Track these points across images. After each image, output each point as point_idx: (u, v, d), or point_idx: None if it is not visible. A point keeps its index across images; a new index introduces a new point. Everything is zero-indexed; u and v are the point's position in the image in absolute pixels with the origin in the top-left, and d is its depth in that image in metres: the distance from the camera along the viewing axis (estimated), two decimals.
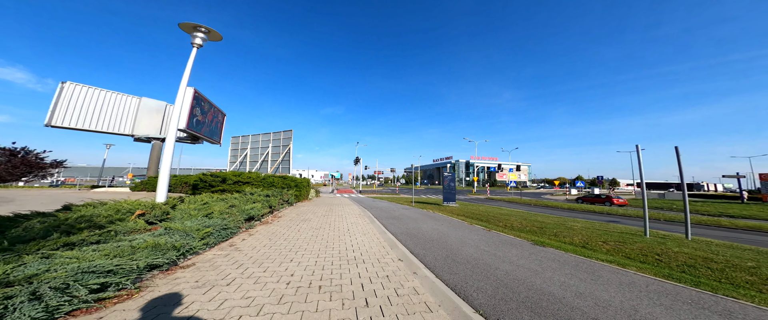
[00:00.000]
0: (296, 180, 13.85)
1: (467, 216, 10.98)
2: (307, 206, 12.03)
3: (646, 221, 7.22)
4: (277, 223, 7.07)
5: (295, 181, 13.60)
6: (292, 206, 11.28)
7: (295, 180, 13.70)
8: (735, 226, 11.62)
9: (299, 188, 13.30)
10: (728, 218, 14.99)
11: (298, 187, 13.29)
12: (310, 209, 10.80)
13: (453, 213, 12.06)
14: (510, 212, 13.31)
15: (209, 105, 18.15)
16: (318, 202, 14.49)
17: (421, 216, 9.92)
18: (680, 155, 7.44)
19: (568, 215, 15.08)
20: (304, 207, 11.28)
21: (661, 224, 12.04)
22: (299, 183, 13.66)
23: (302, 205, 12.28)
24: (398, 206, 13.81)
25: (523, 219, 10.50)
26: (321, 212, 10.00)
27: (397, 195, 28.78)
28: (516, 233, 7.18)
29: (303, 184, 14.10)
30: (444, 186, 16.43)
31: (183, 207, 5.41)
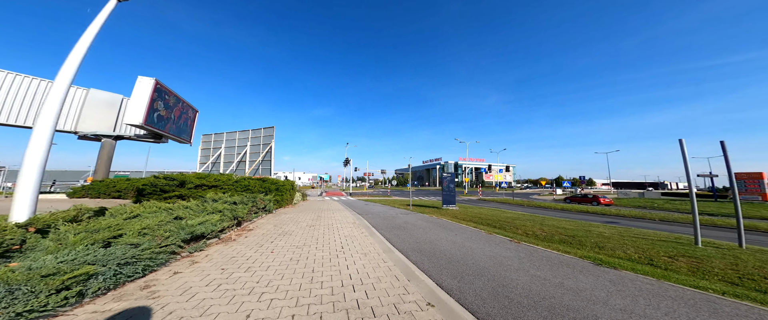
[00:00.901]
0: (278, 183, 11.90)
1: (477, 222, 9.60)
2: (290, 213, 10.14)
3: (697, 229, 6.13)
4: (243, 240, 5.23)
5: (276, 184, 11.64)
6: (271, 213, 9.35)
7: (276, 183, 11.74)
8: (731, 225, 11.07)
9: (281, 192, 11.35)
10: (711, 216, 14.85)
11: (280, 191, 11.35)
12: (293, 217, 8.96)
13: (458, 218, 10.66)
14: (517, 216, 12.15)
15: (176, 99, 15.70)
16: (304, 207, 12.60)
17: (426, 224, 8.40)
18: (727, 151, 6.50)
19: (572, 216, 14.20)
20: (286, 215, 9.40)
21: (663, 226, 11.31)
22: (281, 186, 11.71)
23: (285, 212, 10.37)
24: (396, 211, 12.24)
25: (540, 225, 9.28)
26: (307, 220, 8.21)
27: (390, 197, 27.20)
28: (552, 245, 5.83)
29: (286, 187, 12.16)
30: (443, 188, 15.09)
31: (66, 231, 3.34)
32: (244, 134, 17.76)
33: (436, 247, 5.32)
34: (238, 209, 6.03)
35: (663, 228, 10.08)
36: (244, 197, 7.55)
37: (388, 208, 14.03)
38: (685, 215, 15.12)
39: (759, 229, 10.39)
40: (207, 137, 18.55)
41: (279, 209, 11.03)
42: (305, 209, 11.93)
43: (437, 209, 14.12)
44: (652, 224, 11.81)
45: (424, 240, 6.05)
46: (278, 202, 10.92)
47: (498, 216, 11.69)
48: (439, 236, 6.47)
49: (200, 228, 4.30)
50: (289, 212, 10.15)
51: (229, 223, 5.48)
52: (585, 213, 16.29)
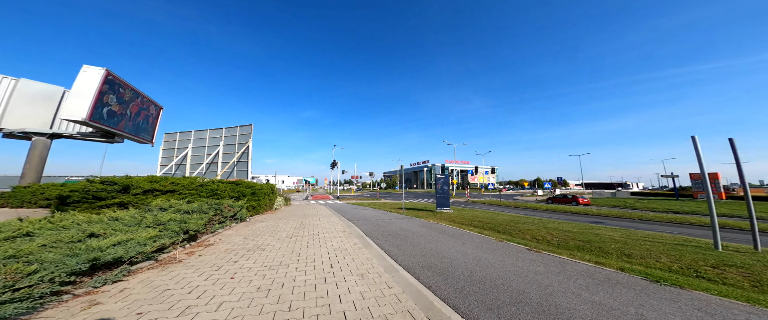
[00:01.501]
0: (254, 186, 10.39)
1: (479, 227, 8.79)
2: (268, 220, 8.70)
3: (717, 233, 5.70)
4: (193, 261, 3.91)
5: (252, 187, 10.14)
6: (243, 222, 7.89)
7: (252, 186, 10.23)
8: (705, 224, 11.32)
9: (257, 196, 9.87)
10: (676, 214, 15.58)
11: (256, 195, 9.86)
12: (271, 225, 7.58)
13: (457, 222, 9.82)
14: (515, 218, 11.57)
15: (133, 94, 13.61)
16: (286, 213, 11.15)
17: (425, 230, 7.42)
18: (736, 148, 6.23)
19: (565, 218, 13.97)
20: (262, 223, 7.98)
21: (654, 226, 11.29)
22: (258, 190, 10.22)
23: (262, 219, 8.90)
24: (389, 215, 11.17)
25: (545, 228, 8.65)
26: (287, 229, 6.89)
27: (380, 200, 26.05)
28: (576, 254, 5.08)
29: (264, 191, 10.66)
30: (437, 190, 14.30)
31: None
32: (216, 133, 15.83)
33: (448, 261, 4.33)
34: (190, 220, 4.64)
35: (657, 229, 9.93)
36: (205, 203, 6.10)
37: (379, 212, 12.93)
38: (659, 213, 15.85)
39: (729, 226, 10.74)
40: (170, 136, 16.33)
41: (255, 216, 9.53)
42: (287, 215, 10.48)
43: (432, 213, 13.25)
44: (643, 225, 11.76)
45: (429, 251, 5.04)
46: (254, 208, 9.43)
47: (496, 219, 11.02)
48: (445, 245, 5.49)
49: (114, 251, 2.94)
50: (268, 220, 8.70)
51: (174, 239, 4.10)
52: (571, 214, 16.30)
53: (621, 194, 36.84)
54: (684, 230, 10.04)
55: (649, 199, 29.60)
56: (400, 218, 10.42)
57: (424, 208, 16.59)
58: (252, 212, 9.36)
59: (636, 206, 21.62)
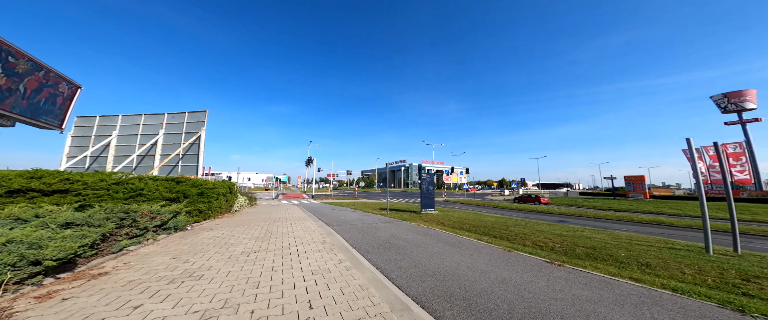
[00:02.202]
0: (203, 185, 8.21)
1: (473, 231, 8.04)
2: (222, 227, 6.74)
3: (709, 237, 5.68)
4: (41, 312, 2.17)
5: (199, 186, 7.98)
6: (180, 232, 5.88)
7: (199, 185, 8.07)
8: (653, 222, 12.54)
9: (207, 197, 7.77)
10: (618, 212, 17.63)
11: (206, 196, 7.76)
12: (224, 235, 5.73)
13: (448, 225, 9.00)
14: (502, 221, 11.25)
15: (32, 66, 9.94)
16: (249, 217, 9.11)
17: (421, 237, 6.35)
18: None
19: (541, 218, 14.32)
20: (210, 233, 6.06)
21: (624, 226, 12.04)
22: (208, 190, 8.09)
23: (213, 226, 6.89)
24: (373, 218, 9.89)
25: (536, 232, 8.28)
26: (246, 241, 5.17)
27: (359, 200, 24.50)
28: (598, 265, 4.48)
29: (217, 190, 8.51)
30: (422, 190, 13.46)
31: None
32: (155, 119, 12.66)
33: (467, 285, 3.27)
34: (55, 241, 2.76)
35: (625, 228, 10.40)
36: (102, 211, 4.09)
37: (362, 214, 11.56)
38: (609, 212, 17.52)
39: (664, 223, 12.09)
40: (85, 120, 12.50)
41: (203, 223, 7.42)
42: (249, 219, 8.51)
43: (417, 215, 12.34)
44: (609, 224, 12.42)
45: (437, 268, 3.94)
46: (200, 212, 7.34)
47: (484, 221, 10.54)
48: (452, 259, 4.46)
49: None
50: (220, 227, 6.74)
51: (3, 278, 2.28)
52: (540, 213, 17.13)
53: (571, 193, 41.05)
54: (647, 229, 10.70)
55: (594, 198, 33.35)
56: (387, 221, 9.23)
57: (407, 209, 15.66)
58: (197, 218, 7.26)
59: (585, 204, 23.86)
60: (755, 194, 26.72)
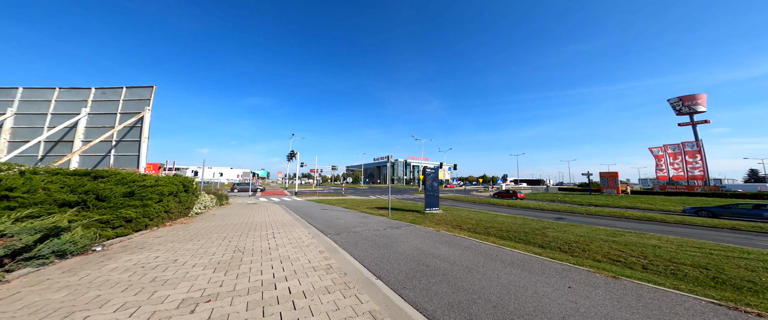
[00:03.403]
0: (139, 182, 5.62)
1: (513, 240, 6.59)
2: (158, 246, 4.37)
3: None
4: None
5: (130, 183, 5.41)
6: (66, 261, 3.46)
7: (130, 182, 5.49)
8: (653, 219, 12.23)
9: (140, 199, 5.24)
10: (599, 207, 18.00)
11: (138, 197, 5.24)
12: (157, 261, 3.47)
13: (470, 230, 7.50)
14: (519, 221, 10.07)
15: None
16: (213, 222, 6.66)
17: (461, 253, 4.65)
18: None
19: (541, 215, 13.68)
20: (131, 257, 3.72)
21: (616, 222, 11.65)
22: (142, 189, 5.53)
23: (144, 243, 4.47)
24: (377, 222, 7.99)
25: (570, 235, 7.08)
26: (193, 277, 3.03)
27: (347, 197, 22.25)
28: (667, 281, 3.10)
29: (158, 190, 5.93)
30: (426, 187, 11.81)
31: None
32: (75, 95, 9.22)
33: None
34: None
35: (666, 230, 9.81)
36: None
37: (359, 216, 9.57)
38: (597, 208, 17.52)
39: (632, 217, 12.20)
40: None
41: (134, 236, 4.92)
42: (212, 227, 6.09)
43: (423, 215, 10.68)
44: (612, 222, 11.98)
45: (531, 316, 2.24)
46: (128, 221, 4.84)
47: (504, 223, 9.20)
48: (553, 298, 2.80)
49: None
50: (158, 244, 4.35)
51: None
52: (533, 210, 16.77)
53: (551, 189, 42.83)
54: (683, 230, 10.05)
55: (571, 193, 34.88)
56: (394, 225, 7.39)
57: (408, 207, 13.96)
58: (123, 230, 4.76)
59: (566, 199, 24.35)
60: (708, 189, 29.58)
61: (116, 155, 9.13)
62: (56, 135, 8.93)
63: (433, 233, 6.34)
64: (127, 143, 9.25)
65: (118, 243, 4.52)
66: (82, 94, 9.61)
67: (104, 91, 9.75)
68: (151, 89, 9.80)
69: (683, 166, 34.32)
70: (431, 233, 6.22)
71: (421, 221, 8.59)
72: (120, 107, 9.56)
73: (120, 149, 9.21)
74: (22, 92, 9.29)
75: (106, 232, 4.43)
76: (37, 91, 9.43)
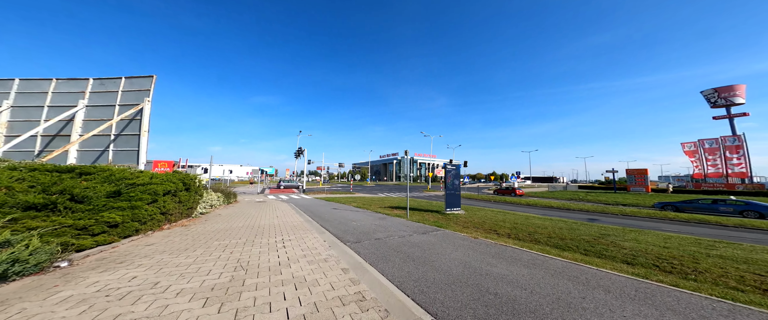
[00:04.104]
0: (129, 180, 4.82)
1: (574, 250, 5.47)
2: (142, 260, 3.55)
3: None
4: None
5: (117, 181, 4.60)
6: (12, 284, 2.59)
7: (117, 179, 4.68)
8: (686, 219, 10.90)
9: (128, 200, 4.41)
10: (626, 206, 16.36)
11: (125, 198, 4.41)
12: (135, 283, 2.61)
13: (508, 236, 6.39)
14: (572, 227, 8.86)
15: None
16: (216, 225, 5.87)
17: (528, 273, 3.59)
18: None
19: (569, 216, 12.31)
20: (102, 277, 2.88)
21: (660, 224, 10.18)
22: (132, 188, 4.71)
23: (127, 255, 3.65)
24: (397, 225, 7.00)
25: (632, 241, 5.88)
26: (173, 313, 2.11)
27: (355, 194, 21.41)
28: None
29: (151, 189, 5.12)
30: (446, 185, 10.73)
31: None
32: (73, 86, 8.60)
33: None
34: None
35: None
36: None
37: (375, 217, 8.60)
38: (628, 207, 15.86)
39: (679, 219, 10.73)
40: None
41: (119, 244, 4.10)
42: (214, 231, 5.25)
43: (444, 216, 9.63)
44: (657, 224, 10.52)
45: None
46: (112, 226, 4.01)
47: (545, 227, 8.03)
48: None
49: None
50: (144, 256, 3.48)
51: None
52: (566, 211, 15.30)
53: (570, 187, 40.68)
54: (725, 233, 8.74)
55: (594, 192, 32.70)
56: (420, 230, 6.36)
57: (422, 207, 12.92)
58: (105, 237, 3.93)
59: (589, 198, 22.57)
60: (750, 187, 27.02)
61: (115, 150, 8.47)
62: (53, 129, 8.34)
63: (470, 240, 5.28)
64: (127, 137, 8.56)
65: (97, 254, 3.69)
66: (80, 85, 8.98)
67: (103, 82, 9.09)
68: (151, 78, 9.06)
69: (722, 162, 31.57)
70: (470, 242, 5.16)
71: (447, 224, 7.53)
72: (119, 98, 8.87)
73: (119, 143, 8.54)
74: (18, 83, 8.74)
75: (82, 241, 3.61)
76: (33, 82, 8.85)
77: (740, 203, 12.16)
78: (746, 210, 11.75)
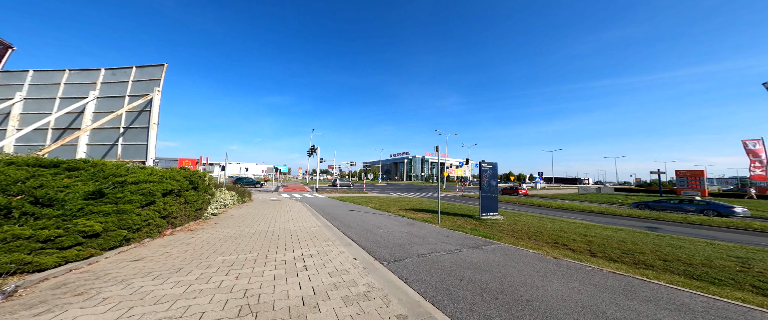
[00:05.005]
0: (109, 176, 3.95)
1: (679, 273, 3.96)
2: (140, 275, 2.61)
3: None
4: None
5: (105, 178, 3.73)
6: None
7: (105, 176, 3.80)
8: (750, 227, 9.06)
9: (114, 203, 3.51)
10: None
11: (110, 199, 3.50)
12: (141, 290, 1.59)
13: (609, 259, 4.95)
14: (651, 240, 7.20)
15: None
16: (225, 231, 5.00)
17: None
18: None
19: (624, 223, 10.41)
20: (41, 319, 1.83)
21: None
22: (122, 188, 3.81)
23: (102, 274, 2.74)
24: (433, 234, 5.76)
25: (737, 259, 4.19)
26: None
27: (368, 194, 20.39)
28: None
29: (146, 189, 4.24)
30: (482, 187, 9.30)
31: None
32: (85, 76, 8.11)
33: None
34: None
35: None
36: None
37: (398, 222, 7.39)
38: (694, 215, 13.17)
39: None
40: None
41: (101, 258, 3.19)
42: (221, 238, 4.28)
43: (480, 222, 8.26)
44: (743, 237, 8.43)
45: None
46: (92, 236, 3.08)
47: (612, 238, 6.46)
48: None
49: None
50: (130, 277, 2.48)
51: None
52: (621, 218, 13.19)
53: (605, 190, 37.16)
54: None
55: (636, 195, 29.17)
56: (468, 242, 5.06)
57: (450, 210, 11.55)
58: (80, 252, 3.02)
59: (629, 202, 19.97)
60: None
61: (124, 145, 7.88)
62: (64, 122, 7.89)
63: (552, 262, 3.92)
64: (137, 131, 7.95)
65: (63, 274, 2.77)
66: (91, 76, 8.51)
67: (114, 72, 8.57)
68: (162, 67, 8.40)
69: None
70: (554, 264, 3.80)
71: (493, 234, 6.18)
72: (129, 88, 8.28)
73: (128, 137, 7.95)
74: (32, 74, 8.40)
75: (43, 258, 2.69)
76: (47, 73, 8.48)
77: (702, 203, 13.56)
78: (706, 209, 13.08)
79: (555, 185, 65.10)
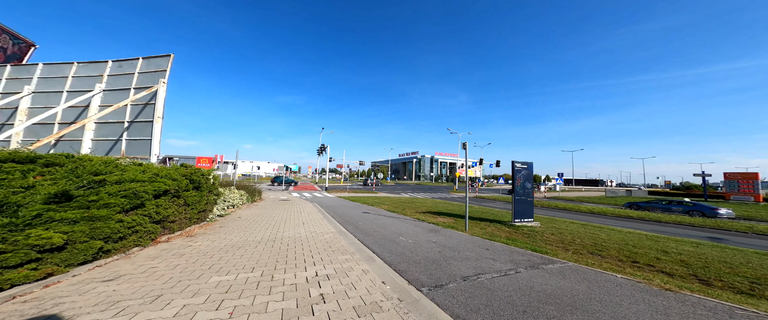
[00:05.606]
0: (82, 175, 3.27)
1: None
2: (103, 309, 1.81)
3: None
4: None
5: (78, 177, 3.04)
6: None
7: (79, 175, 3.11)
8: None
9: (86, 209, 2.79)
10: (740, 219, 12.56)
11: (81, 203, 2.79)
12: None
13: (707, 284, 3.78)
14: (723, 251, 5.89)
15: None
16: (228, 238, 4.31)
17: None
18: None
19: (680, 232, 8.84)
20: None
21: None
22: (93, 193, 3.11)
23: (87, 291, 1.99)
24: (465, 244, 4.79)
25: None
26: None
27: (378, 194, 19.49)
28: None
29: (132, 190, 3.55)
30: (516, 189, 8.17)
31: None
32: (92, 69, 7.74)
33: None
34: None
35: None
36: None
37: (419, 227, 6.42)
38: (761, 223, 11.62)
39: None
40: None
41: (98, 266, 2.47)
42: (220, 250, 3.50)
43: (515, 229, 7.16)
44: None
45: None
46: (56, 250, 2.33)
47: (694, 254, 5.22)
48: None
49: None
50: (91, 310, 1.76)
51: None
52: (690, 228, 11.71)
53: (637, 193, 34.27)
54: None
55: (677, 199, 26.44)
56: (528, 262, 4.01)
57: (472, 214, 10.43)
58: (32, 273, 2.30)
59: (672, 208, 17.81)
60: None
61: (128, 140, 7.41)
62: (70, 116, 7.54)
63: (664, 295, 2.83)
64: (141, 125, 7.47)
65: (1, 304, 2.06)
66: (99, 68, 8.14)
67: (121, 64, 8.15)
68: (168, 58, 7.88)
69: None
70: (668, 298, 2.72)
71: (539, 245, 5.11)
72: (135, 80, 7.83)
73: (133, 132, 7.48)
74: (40, 68, 8.14)
75: None
76: (55, 66, 8.20)
77: (689, 205, 14.09)
78: (692, 210, 13.56)
79: (576, 187, 61.38)
